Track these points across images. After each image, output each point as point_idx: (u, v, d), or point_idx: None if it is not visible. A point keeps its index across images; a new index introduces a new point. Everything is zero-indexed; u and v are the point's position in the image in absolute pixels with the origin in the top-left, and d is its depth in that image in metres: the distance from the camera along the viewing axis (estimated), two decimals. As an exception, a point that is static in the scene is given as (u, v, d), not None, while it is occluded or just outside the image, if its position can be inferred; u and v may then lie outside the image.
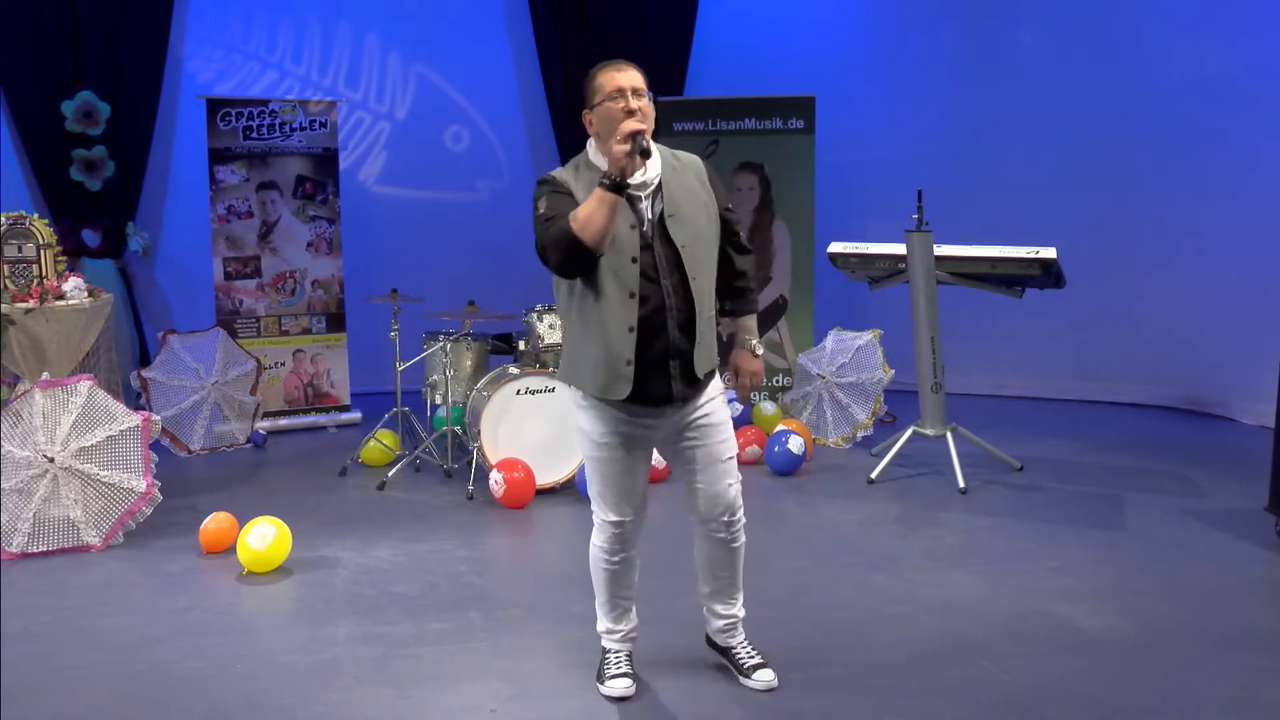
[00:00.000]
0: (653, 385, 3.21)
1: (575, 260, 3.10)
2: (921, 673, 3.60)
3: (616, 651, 3.54)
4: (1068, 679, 3.53)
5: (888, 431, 6.56)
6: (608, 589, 3.48)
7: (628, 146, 3.05)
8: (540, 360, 5.99)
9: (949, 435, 5.90)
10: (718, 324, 3.41)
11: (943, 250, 5.98)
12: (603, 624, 3.55)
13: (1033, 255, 5.75)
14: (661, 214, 3.23)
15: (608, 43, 8.04)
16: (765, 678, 3.49)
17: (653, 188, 3.23)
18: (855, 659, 3.71)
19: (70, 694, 3.49)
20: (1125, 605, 4.14)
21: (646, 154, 3.08)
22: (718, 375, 3.40)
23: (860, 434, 6.69)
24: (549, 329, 6.02)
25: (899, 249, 6.08)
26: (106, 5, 7.15)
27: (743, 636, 3.60)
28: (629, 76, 3.22)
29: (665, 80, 7.91)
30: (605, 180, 3.07)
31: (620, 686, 3.45)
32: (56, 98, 7.10)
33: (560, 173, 3.30)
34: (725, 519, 3.40)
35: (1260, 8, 6.98)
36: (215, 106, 7.13)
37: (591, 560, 3.47)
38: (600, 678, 3.51)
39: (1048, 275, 5.83)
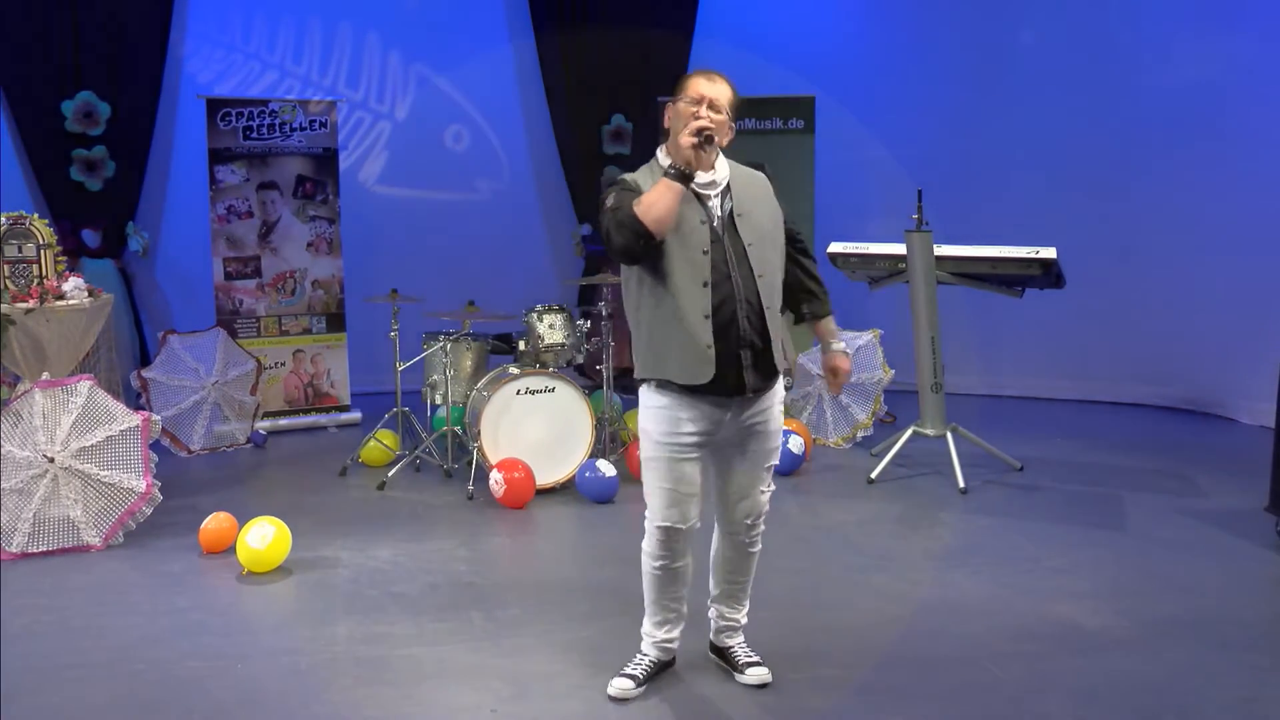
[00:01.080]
0: (728, 374, 3.28)
1: (637, 243, 3.22)
2: (921, 672, 3.60)
3: (644, 654, 3.57)
4: (1068, 679, 3.53)
5: (888, 431, 6.56)
6: (651, 592, 3.52)
7: (695, 140, 3.21)
8: (540, 360, 5.99)
9: (949, 435, 5.90)
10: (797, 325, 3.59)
11: (943, 250, 5.98)
12: (645, 624, 3.58)
13: (1033, 255, 5.75)
14: (731, 212, 3.37)
15: (608, 43, 8.05)
16: (759, 674, 3.52)
17: (721, 188, 3.38)
18: (855, 659, 3.71)
19: (70, 694, 3.49)
20: (1125, 605, 4.14)
21: (709, 140, 3.25)
22: (781, 382, 3.45)
23: (860, 434, 6.69)
24: (549, 329, 6.02)
25: (899, 249, 6.08)
26: (106, 5, 7.15)
27: (742, 639, 3.66)
28: (716, 89, 3.35)
29: (665, 80, 7.89)
30: (671, 170, 3.24)
31: (618, 687, 3.46)
32: (56, 98, 7.10)
33: (634, 175, 3.42)
34: (748, 523, 3.49)
35: (1261, 7, 6.98)
36: (215, 106, 7.13)
37: (644, 565, 3.49)
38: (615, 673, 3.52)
39: (1048, 275, 5.83)
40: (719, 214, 3.35)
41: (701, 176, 3.29)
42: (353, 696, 3.45)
